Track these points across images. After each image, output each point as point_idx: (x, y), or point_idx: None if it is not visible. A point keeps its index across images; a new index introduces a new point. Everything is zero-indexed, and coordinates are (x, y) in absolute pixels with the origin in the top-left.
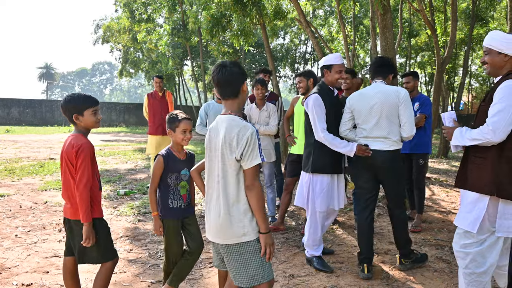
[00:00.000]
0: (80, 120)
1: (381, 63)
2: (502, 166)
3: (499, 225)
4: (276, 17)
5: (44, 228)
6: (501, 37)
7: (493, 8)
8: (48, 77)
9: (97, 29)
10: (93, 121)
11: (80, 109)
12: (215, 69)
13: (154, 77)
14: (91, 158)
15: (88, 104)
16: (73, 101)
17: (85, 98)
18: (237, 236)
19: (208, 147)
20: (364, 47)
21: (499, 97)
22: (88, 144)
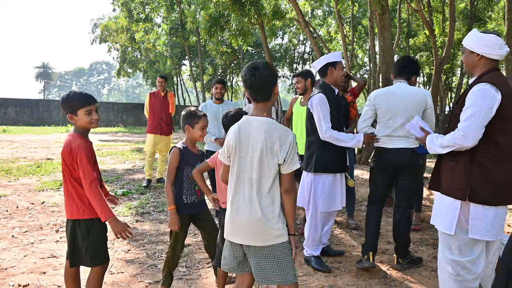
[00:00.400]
0: (75, 119)
1: (405, 63)
2: (473, 171)
3: (471, 226)
4: (274, 17)
5: (41, 228)
6: (473, 36)
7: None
8: (45, 77)
9: (94, 29)
10: (87, 121)
11: (73, 108)
12: (247, 72)
13: (158, 76)
14: (90, 157)
15: (81, 103)
16: (66, 100)
17: (78, 97)
18: (273, 237)
19: (238, 149)
20: (362, 47)
21: (470, 101)
22: (84, 144)
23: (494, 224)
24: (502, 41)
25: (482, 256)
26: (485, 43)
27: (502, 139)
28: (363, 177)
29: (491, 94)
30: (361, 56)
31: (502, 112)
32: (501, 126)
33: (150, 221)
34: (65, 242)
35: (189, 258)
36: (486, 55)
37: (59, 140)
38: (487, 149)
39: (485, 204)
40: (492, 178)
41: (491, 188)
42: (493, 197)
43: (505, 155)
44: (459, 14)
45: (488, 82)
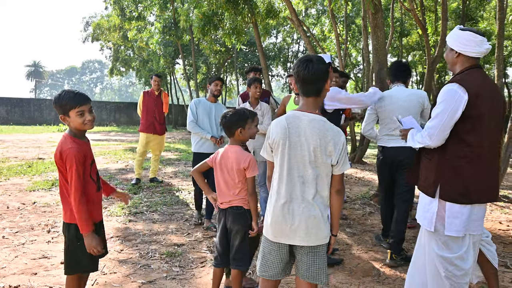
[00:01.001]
0: (68, 121)
1: (400, 68)
2: (444, 169)
3: (448, 224)
4: (268, 15)
5: (32, 229)
6: (453, 33)
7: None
8: (36, 76)
9: (86, 27)
10: (80, 122)
11: (65, 109)
12: (301, 64)
13: (153, 75)
14: (80, 163)
15: (73, 104)
16: (58, 100)
17: (70, 97)
18: (326, 236)
19: (287, 145)
20: (356, 46)
21: (438, 101)
22: (76, 148)
23: (469, 220)
24: (480, 38)
25: (470, 252)
26: (462, 41)
27: (472, 138)
28: (357, 175)
29: (457, 95)
30: (354, 55)
31: (470, 113)
32: (470, 126)
33: (143, 221)
34: (57, 242)
35: (183, 258)
36: (463, 52)
37: (50, 140)
38: (457, 148)
39: (455, 203)
40: (462, 177)
41: (461, 187)
42: (463, 196)
43: (475, 155)
44: (452, 14)
45: (456, 82)
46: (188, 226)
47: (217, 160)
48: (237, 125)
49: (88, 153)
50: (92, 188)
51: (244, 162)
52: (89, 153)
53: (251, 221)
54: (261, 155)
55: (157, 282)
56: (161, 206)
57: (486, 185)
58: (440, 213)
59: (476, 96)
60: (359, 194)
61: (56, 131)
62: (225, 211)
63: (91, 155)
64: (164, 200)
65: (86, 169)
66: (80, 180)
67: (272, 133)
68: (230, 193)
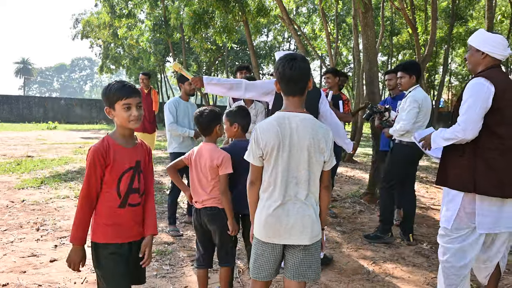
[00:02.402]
0: (113, 115)
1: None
2: (477, 163)
3: (479, 222)
4: (259, 14)
5: (21, 227)
6: (480, 35)
7: (472, 7)
8: (25, 73)
9: (76, 24)
10: (124, 117)
11: (111, 101)
12: (285, 63)
13: (140, 73)
14: (97, 163)
15: (119, 95)
16: (105, 90)
17: (117, 88)
18: (318, 234)
19: (281, 148)
20: (346, 45)
21: (466, 96)
22: (95, 147)
23: (501, 217)
24: (507, 42)
25: (474, 247)
26: (492, 43)
27: (503, 130)
28: (347, 174)
29: (485, 87)
30: (345, 54)
31: (498, 105)
32: (499, 118)
33: None
34: (46, 241)
35: (173, 256)
36: (491, 54)
37: (39, 137)
38: (489, 141)
39: (491, 196)
40: (495, 170)
41: (495, 179)
42: (497, 188)
43: (506, 147)
44: (441, 13)
45: (482, 76)
46: (178, 225)
47: (192, 158)
48: (215, 122)
49: (120, 159)
50: (110, 201)
51: (218, 159)
52: (122, 160)
53: (226, 220)
54: None
55: (147, 280)
56: None
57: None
58: (465, 211)
59: (503, 89)
60: (349, 193)
61: (45, 128)
62: (199, 211)
63: (128, 164)
64: (154, 198)
65: (110, 177)
66: (90, 183)
67: (262, 138)
68: (204, 191)
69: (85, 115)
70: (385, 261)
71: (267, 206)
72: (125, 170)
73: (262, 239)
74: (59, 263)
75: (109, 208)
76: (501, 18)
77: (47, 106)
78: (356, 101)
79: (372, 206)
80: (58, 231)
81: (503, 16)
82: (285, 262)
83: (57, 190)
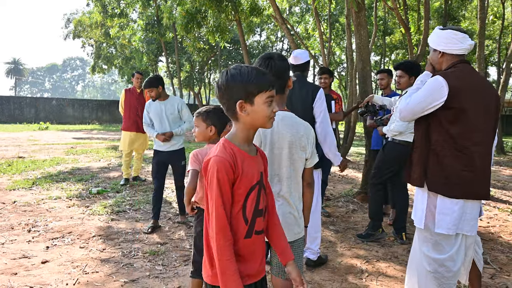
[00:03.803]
0: (247, 110)
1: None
2: (429, 159)
3: (438, 221)
4: (252, 13)
5: (12, 228)
6: (434, 33)
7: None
8: (16, 73)
9: (67, 24)
10: (265, 114)
11: (249, 91)
12: (262, 62)
13: (135, 72)
14: (226, 180)
15: (263, 84)
16: (240, 77)
17: (258, 75)
18: (301, 231)
19: (262, 146)
20: (340, 44)
21: (422, 89)
22: (220, 158)
23: (462, 219)
24: (461, 35)
25: (460, 252)
26: (443, 40)
27: (457, 130)
28: (340, 173)
29: (439, 84)
30: (338, 53)
31: (452, 104)
32: (452, 118)
33: (126, 219)
34: (37, 242)
35: (166, 256)
36: (447, 51)
37: (31, 138)
38: (441, 139)
39: (442, 195)
40: (444, 168)
41: (443, 177)
42: (446, 187)
43: (460, 146)
44: (434, 13)
45: (440, 74)
46: (171, 225)
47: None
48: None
49: (248, 172)
50: (238, 229)
51: None
52: (250, 173)
53: None
54: None
55: (140, 281)
56: (144, 205)
57: (474, 181)
58: (430, 210)
59: (458, 88)
60: (343, 192)
61: (37, 129)
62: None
63: (256, 177)
64: (147, 198)
65: (236, 197)
66: (221, 210)
67: None
68: None
69: (77, 115)
70: (378, 260)
71: None
72: (252, 186)
73: None
74: (51, 264)
75: (235, 241)
76: (493, 19)
77: (39, 107)
78: (349, 100)
79: (365, 205)
80: (49, 232)
81: (495, 17)
82: (271, 259)
83: (48, 191)
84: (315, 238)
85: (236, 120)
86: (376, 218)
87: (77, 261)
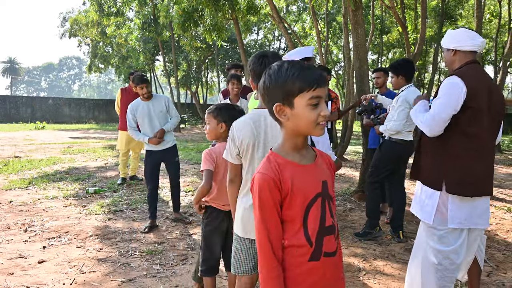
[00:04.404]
0: (287, 115)
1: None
2: (446, 162)
3: (451, 217)
4: (249, 12)
5: (8, 228)
6: (446, 34)
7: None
8: (12, 72)
9: (63, 22)
10: (310, 120)
11: (288, 91)
12: (256, 60)
13: (133, 71)
14: (270, 199)
15: (302, 84)
16: (277, 74)
17: (297, 71)
18: None
19: (256, 145)
20: (337, 43)
21: (441, 93)
22: (263, 175)
23: (473, 213)
24: (473, 33)
25: (464, 246)
26: (456, 38)
27: (473, 130)
28: (338, 172)
29: (458, 86)
30: (335, 52)
31: (470, 104)
32: (470, 118)
33: (123, 219)
34: (34, 242)
35: (163, 256)
36: (459, 48)
37: (27, 138)
38: (458, 140)
39: (460, 195)
40: (462, 169)
41: (463, 178)
42: (463, 187)
43: (475, 146)
44: (431, 12)
45: (456, 75)
46: (168, 224)
47: (219, 161)
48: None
49: (301, 185)
50: (297, 252)
51: None
52: (305, 185)
53: None
54: None
55: (137, 280)
56: (141, 204)
57: (486, 178)
58: (440, 207)
59: (475, 89)
60: (340, 191)
61: (33, 128)
62: (227, 213)
63: (314, 189)
64: (144, 198)
65: (291, 214)
66: (269, 233)
67: (238, 135)
68: None
69: (73, 114)
70: (375, 258)
71: (244, 202)
72: (311, 200)
73: (240, 235)
74: (48, 264)
75: (297, 265)
76: (490, 17)
77: (35, 106)
78: (347, 99)
79: (363, 204)
80: (46, 232)
81: (492, 15)
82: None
83: (45, 191)
84: None
85: (281, 126)
86: (373, 216)
87: (74, 261)
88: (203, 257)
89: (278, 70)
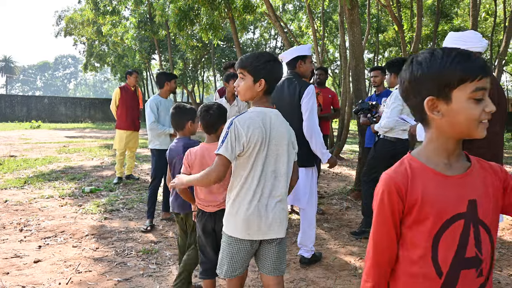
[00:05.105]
0: (439, 111)
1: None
2: None
3: None
4: (245, 11)
5: (3, 228)
6: (451, 36)
7: (457, 5)
8: (7, 71)
9: (59, 21)
10: (472, 116)
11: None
12: (274, 63)
13: (132, 71)
14: (389, 206)
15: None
16: (430, 63)
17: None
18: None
19: (263, 142)
20: (333, 42)
21: None
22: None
23: None
24: (479, 34)
25: None
26: (465, 39)
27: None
28: (334, 171)
29: None
30: (332, 51)
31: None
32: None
33: (119, 218)
34: (29, 241)
35: (159, 255)
36: (469, 49)
37: (22, 137)
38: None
39: None
40: None
41: None
42: None
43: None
44: (427, 10)
45: None
46: (165, 223)
47: (196, 161)
48: (221, 121)
49: (436, 199)
50: (419, 281)
51: None
52: (441, 199)
53: None
54: None
55: (133, 280)
56: (137, 204)
57: None
58: None
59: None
60: (336, 190)
61: (28, 127)
62: (214, 214)
63: (453, 207)
64: (140, 197)
65: (417, 233)
66: (378, 244)
67: (246, 133)
68: (219, 193)
69: (69, 113)
70: None
71: (246, 202)
72: (448, 219)
73: (238, 237)
74: (43, 263)
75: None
76: (485, 16)
77: (30, 105)
78: (343, 98)
79: (359, 203)
80: (42, 231)
81: (487, 14)
82: (260, 258)
83: (41, 190)
84: (309, 236)
85: (427, 126)
86: (369, 215)
87: (70, 260)
88: (200, 259)
89: (430, 57)
